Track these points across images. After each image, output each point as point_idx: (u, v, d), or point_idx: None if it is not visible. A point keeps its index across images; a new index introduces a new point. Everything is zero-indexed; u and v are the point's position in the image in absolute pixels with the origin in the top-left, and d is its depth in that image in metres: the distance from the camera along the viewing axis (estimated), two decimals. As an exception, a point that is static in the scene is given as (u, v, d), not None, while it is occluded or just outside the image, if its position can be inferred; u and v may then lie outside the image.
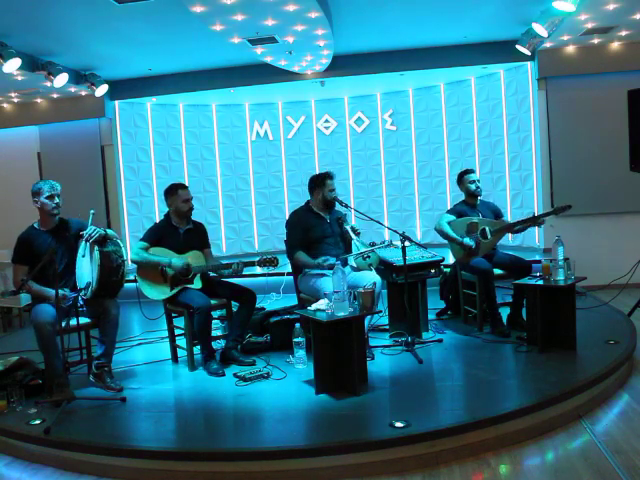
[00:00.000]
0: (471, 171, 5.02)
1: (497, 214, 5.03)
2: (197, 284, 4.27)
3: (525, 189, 7.28)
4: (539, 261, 5.89)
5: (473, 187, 4.92)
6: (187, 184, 4.64)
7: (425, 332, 4.73)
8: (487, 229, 4.77)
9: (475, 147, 7.91)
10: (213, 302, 4.25)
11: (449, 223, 4.82)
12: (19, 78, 6.36)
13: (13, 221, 5.41)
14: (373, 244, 4.64)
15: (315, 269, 4.29)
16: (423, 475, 2.81)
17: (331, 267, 4.11)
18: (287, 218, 4.66)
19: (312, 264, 4.29)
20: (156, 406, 3.59)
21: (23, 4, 4.60)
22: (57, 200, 3.89)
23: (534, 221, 4.68)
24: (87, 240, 3.79)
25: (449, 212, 4.99)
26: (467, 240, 4.71)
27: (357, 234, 4.43)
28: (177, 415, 3.54)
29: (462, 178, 4.99)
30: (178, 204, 4.36)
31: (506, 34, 6.36)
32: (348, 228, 4.46)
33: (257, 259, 4.27)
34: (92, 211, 3.94)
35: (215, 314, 4.74)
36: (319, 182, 4.49)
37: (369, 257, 4.31)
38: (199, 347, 4.24)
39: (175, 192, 4.36)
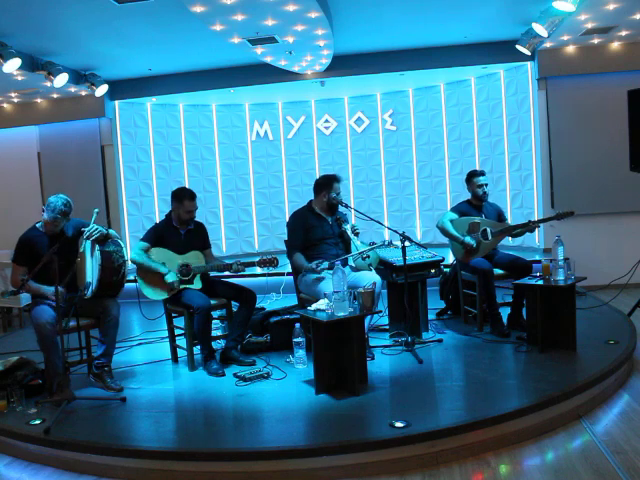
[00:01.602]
0: (481, 173, 4.91)
1: (500, 216, 5.03)
2: (197, 284, 4.27)
3: (525, 189, 7.28)
4: (539, 261, 5.89)
5: (480, 192, 4.86)
6: (187, 184, 4.64)
7: (425, 332, 4.73)
8: (488, 230, 4.77)
9: (475, 147, 7.91)
10: (213, 302, 4.25)
11: (451, 221, 4.82)
12: (19, 78, 6.36)
13: (13, 221, 5.41)
14: (373, 244, 4.64)
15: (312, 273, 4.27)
16: (423, 475, 2.81)
17: (325, 269, 4.11)
18: (288, 218, 4.65)
19: (306, 267, 4.25)
20: (156, 406, 3.59)
21: (23, 4, 4.60)
22: (52, 222, 3.86)
23: (528, 226, 4.69)
24: (87, 238, 3.80)
25: (452, 210, 4.97)
26: (468, 239, 4.70)
27: (356, 234, 4.42)
28: (177, 415, 3.54)
29: (471, 179, 4.90)
30: (180, 212, 4.37)
31: (506, 34, 6.36)
32: (347, 227, 4.45)
33: (257, 259, 4.27)
34: (96, 210, 3.95)
35: (215, 314, 4.74)
36: (326, 184, 4.45)
37: (369, 257, 4.31)
38: (199, 347, 4.25)
39: (181, 202, 4.34)
